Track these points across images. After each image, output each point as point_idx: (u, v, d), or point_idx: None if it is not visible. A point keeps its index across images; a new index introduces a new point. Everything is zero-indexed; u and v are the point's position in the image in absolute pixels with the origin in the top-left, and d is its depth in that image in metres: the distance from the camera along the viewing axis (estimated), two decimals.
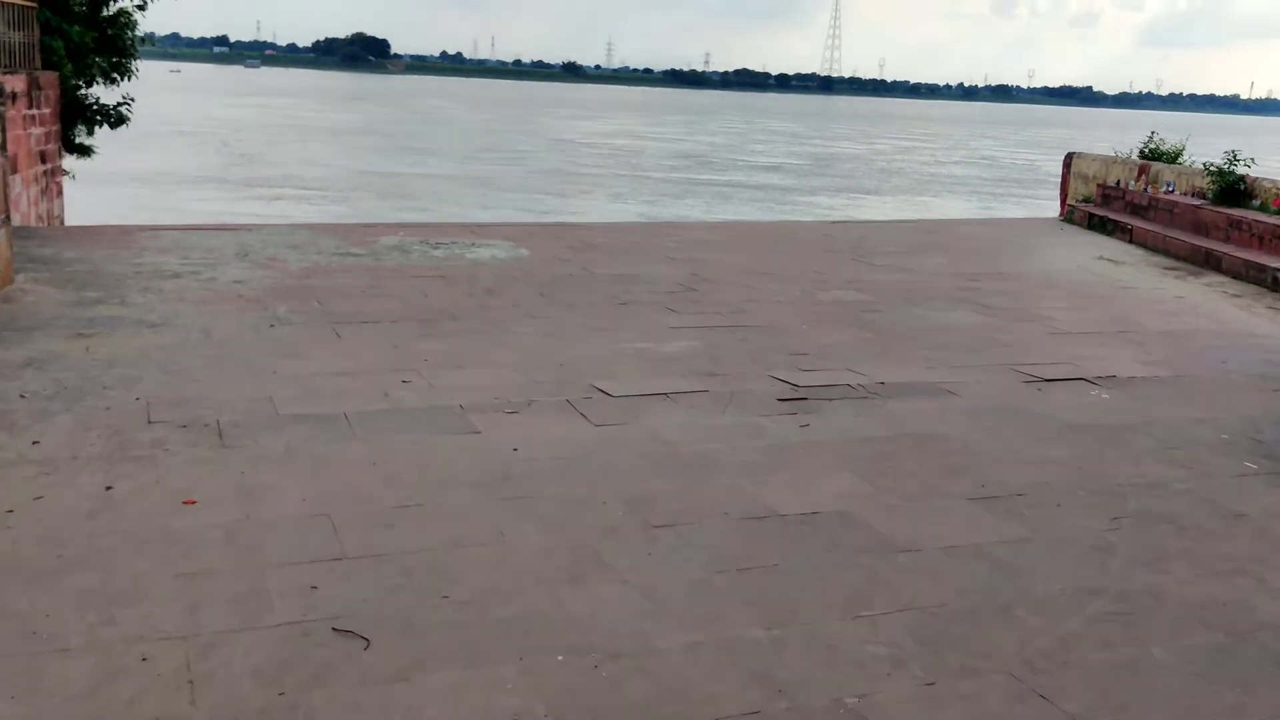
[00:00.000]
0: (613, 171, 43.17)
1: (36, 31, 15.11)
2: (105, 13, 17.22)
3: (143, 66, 19.64)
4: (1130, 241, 17.57)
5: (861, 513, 5.74)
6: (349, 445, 6.35)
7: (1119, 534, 5.67)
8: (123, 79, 19.42)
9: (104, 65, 16.79)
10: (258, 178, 30.08)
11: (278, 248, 12.92)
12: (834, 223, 18.66)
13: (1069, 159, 21.73)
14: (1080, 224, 19.30)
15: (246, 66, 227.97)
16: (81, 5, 16.61)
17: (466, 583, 4.75)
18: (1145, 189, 18.57)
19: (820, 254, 14.69)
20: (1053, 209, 36.73)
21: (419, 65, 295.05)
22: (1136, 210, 18.48)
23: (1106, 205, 19.38)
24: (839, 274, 13.13)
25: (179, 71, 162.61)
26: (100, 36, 16.83)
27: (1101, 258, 15.91)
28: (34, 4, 14.85)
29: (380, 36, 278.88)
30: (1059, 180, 21.83)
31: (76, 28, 15.77)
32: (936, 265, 14.20)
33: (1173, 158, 20.97)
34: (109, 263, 11.39)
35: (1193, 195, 17.96)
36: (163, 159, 29.79)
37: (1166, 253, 16.53)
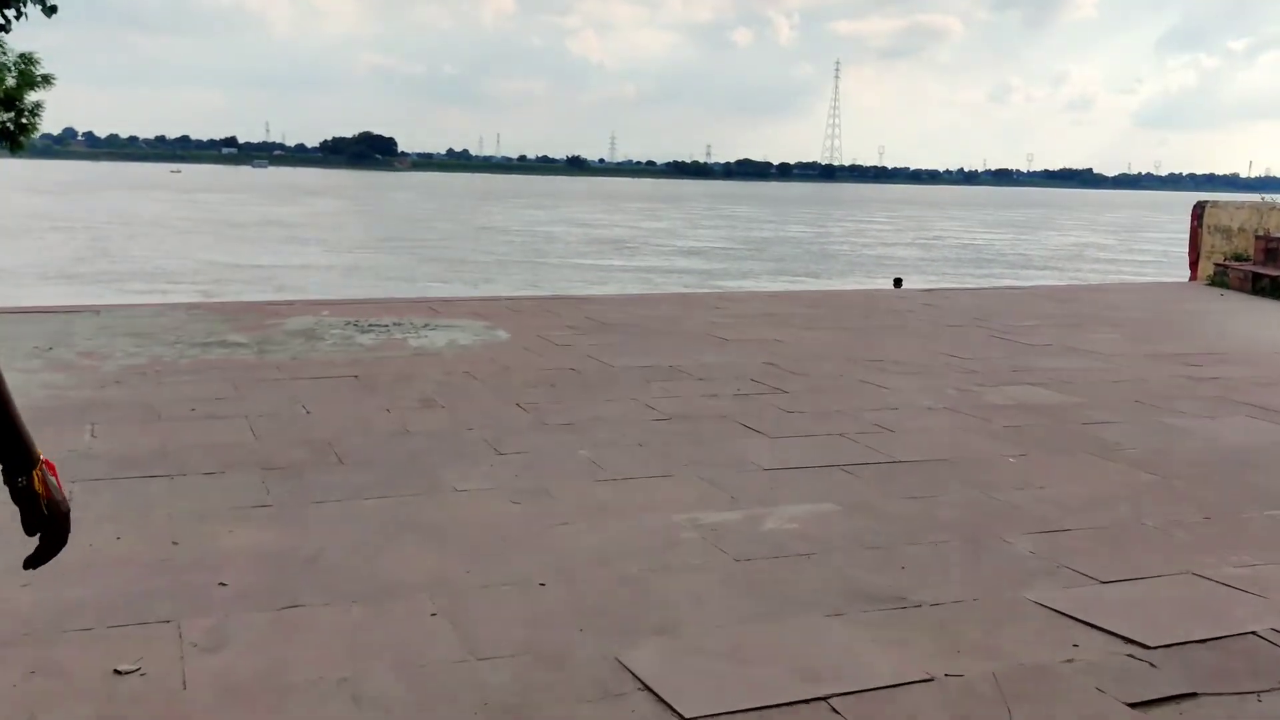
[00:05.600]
0: (516, 259, 40.47)
1: None
2: None
3: (146, 168, 15.53)
4: None
5: None
6: None
7: None
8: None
9: None
10: (97, 272, 26.16)
11: (114, 335, 8.23)
12: (930, 290, 14.01)
13: (1199, 209, 17.08)
14: (1239, 287, 14.60)
15: (254, 166, 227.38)
16: None
17: None
18: None
19: (941, 329, 9.94)
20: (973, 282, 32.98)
21: (425, 163, 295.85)
22: None
23: (1275, 262, 14.69)
24: (992, 360, 8.36)
25: (179, 172, 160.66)
26: None
27: None
28: None
29: (387, 135, 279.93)
30: (1013, 258, 17.17)
31: None
32: (1115, 344, 9.46)
33: None
34: None
35: None
36: (5, 255, 25.97)
37: None
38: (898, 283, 15.64)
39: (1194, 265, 17.13)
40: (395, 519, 4.18)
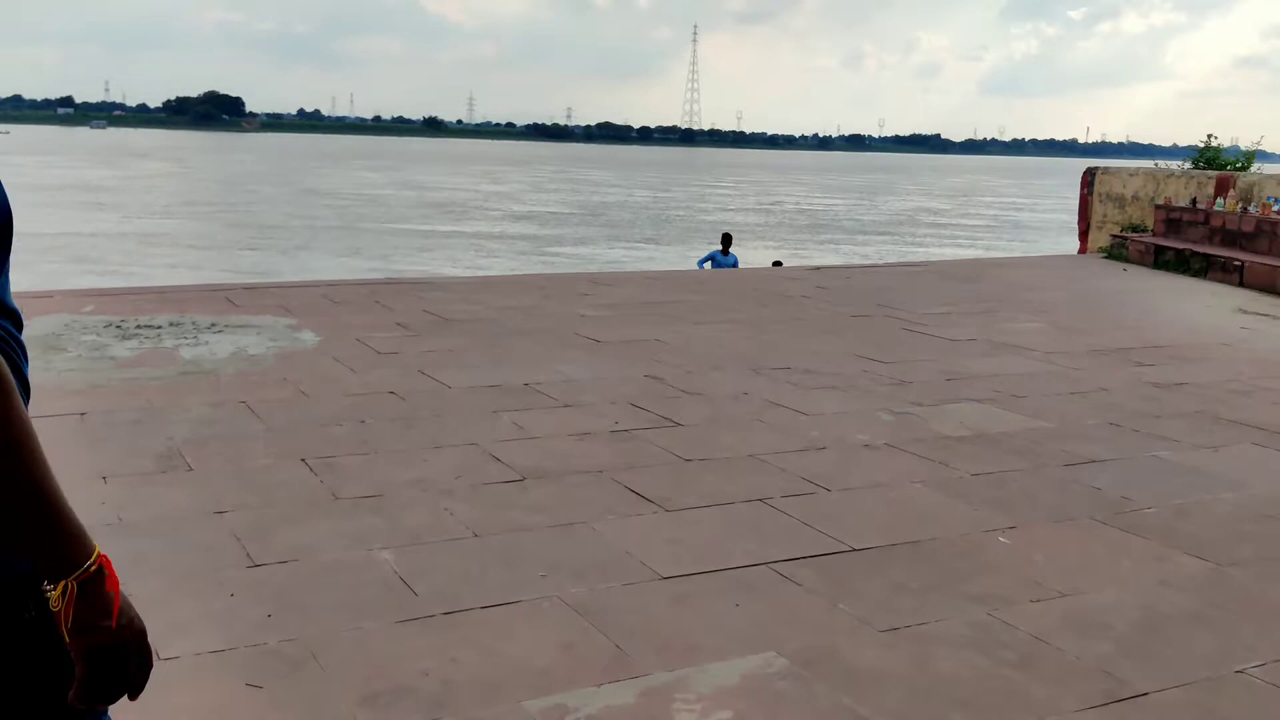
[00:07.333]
0: (334, 224, 38.75)
1: None
2: None
3: None
4: (1241, 284, 11.92)
5: None
6: None
7: None
8: None
9: None
10: None
11: None
12: (820, 269, 12.51)
13: (1090, 175, 16.13)
14: (1140, 261, 13.61)
15: (92, 127, 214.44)
16: None
17: None
18: (1245, 209, 12.99)
19: (845, 320, 8.44)
20: (822, 256, 33.00)
21: (275, 123, 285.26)
22: (1235, 239, 12.87)
23: (1177, 234, 13.75)
24: (918, 364, 6.87)
25: (7, 133, 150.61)
26: None
27: (1242, 310, 10.15)
28: None
29: (234, 95, 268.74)
30: (848, 223, 16.14)
31: None
32: (1045, 336, 8.14)
33: (1245, 165, 15.63)
34: None
35: None
36: None
37: None
38: (777, 264, 14.17)
39: (1084, 236, 16.18)
40: None
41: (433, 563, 3.39)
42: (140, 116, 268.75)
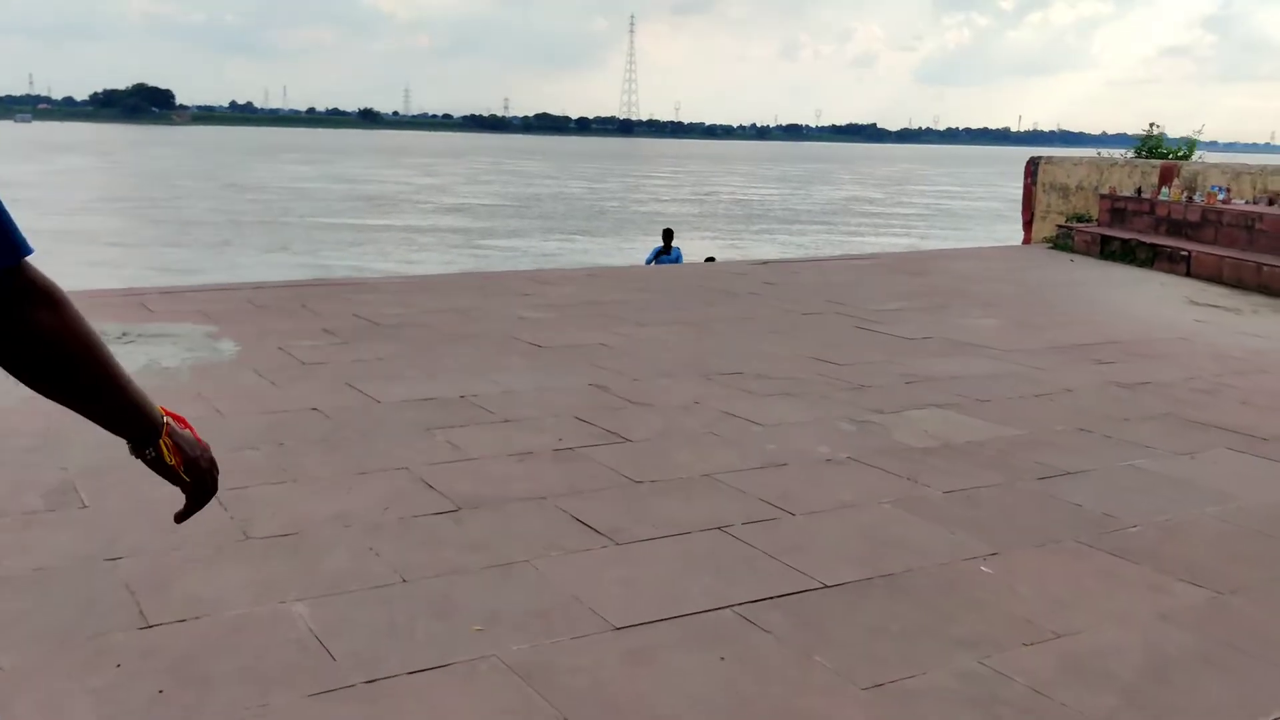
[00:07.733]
0: (258, 219, 38.15)
1: None
2: None
3: None
4: (1188, 274, 11.84)
5: None
6: None
7: None
8: None
9: None
10: None
11: None
12: (767, 263, 12.18)
13: (1033, 165, 16.03)
14: (1086, 251, 13.50)
15: (17, 121, 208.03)
16: None
17: None
18: (1190, 198, 12.90)
19: (795, 319, 8.12)
20: (757, 247, 33.06)
21: (206, 116, 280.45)
22: (1181, 229, 12.78)
23: (1123, 224, 13.66)
24: (874, 366, 6.57)
25: None
26: None
27: (1192, 301, 10.03)
28: None
29: (164, 88, 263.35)
30: (782, 213, 15.98)
31: None
32: (1000, 333, 7.90)
33: (1188, 154, 15.60)
34: None
35: (1272, 202, 12.44)
36: None
37: (1266, 289, 10.83)
38: (709, 260, 13.87)
39: (1028, 226, 16.09)
40: None
41: (354, 617, 2.98)
42: (66, 110, 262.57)
